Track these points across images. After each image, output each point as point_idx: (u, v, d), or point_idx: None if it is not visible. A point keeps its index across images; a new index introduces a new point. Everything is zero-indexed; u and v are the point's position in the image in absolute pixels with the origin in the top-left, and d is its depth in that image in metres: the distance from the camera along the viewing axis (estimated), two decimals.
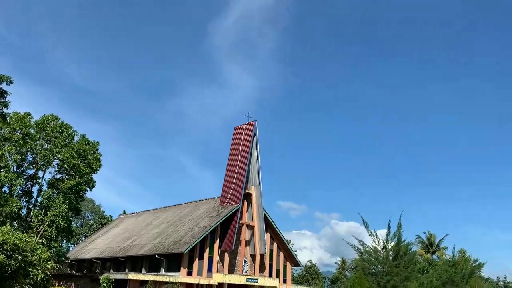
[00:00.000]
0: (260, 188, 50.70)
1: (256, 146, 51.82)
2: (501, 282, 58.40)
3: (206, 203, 55.65)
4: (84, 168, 37.76)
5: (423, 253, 70.58)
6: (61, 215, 36.06)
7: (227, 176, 51.75)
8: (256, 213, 49.99)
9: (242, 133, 52.99)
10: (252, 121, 52.89)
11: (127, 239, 56.66)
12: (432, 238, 73.04)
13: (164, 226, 55.29)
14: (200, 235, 45.05)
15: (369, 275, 34.08)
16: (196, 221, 50.60)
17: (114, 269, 52.87)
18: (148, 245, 50.29)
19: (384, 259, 34.63)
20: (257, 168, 51.35)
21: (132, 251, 50.69)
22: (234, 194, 49.49)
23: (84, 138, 39.31)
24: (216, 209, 50.62)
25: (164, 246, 47.24)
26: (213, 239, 47.18)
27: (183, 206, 60.27)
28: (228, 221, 47.34)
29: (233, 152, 52.90)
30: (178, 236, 48.45)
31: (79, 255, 59.99)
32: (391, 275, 33.09)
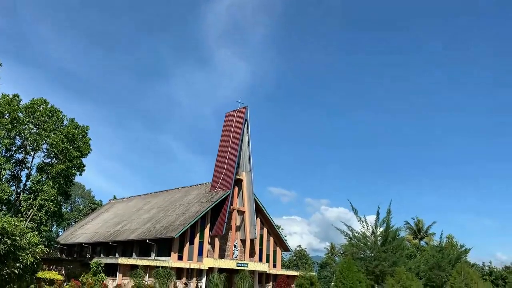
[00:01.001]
0: (251, 174, 50.81)
1: (247, 132, 51.78)
2: (486, 267, 59.41)
3: (197, 188, 55.71)
4: (74, 152, 37.45)
5: (411, 238, 71.60)
6: (51, 200, 35.85)
7: (218, 162, 51.76)
8: (247, 199, 50.18)
9: (233, 119, 52.86)
10: (243, 107, 52.77)
11: (118, 224, 56.67)
12: (420, 224, 74.06)
13: (154, 211, 55.34)
14: (190, 220, 45.19)
15: (357, 260, 34.56)
16: (186, 206, 50.70)
17: (105, 253, 52.96)
18: (139, 230, 50.36)
19: (373, 245, 35.12)
20: (248, 154, 51.39)
21: (123, 236, 50.74)
22: (225, 179, 49.58)
23: (73, 122, 38.88)
24: (207, 195, 50.72)
25: (154, 231, 47.34)
26: (203, 224, 47.38)
27: (174, 191, 60.30)
28: (219, 207, 47.51)
29: (224, 138, 52.84)
30: (168, 221, 48.56)
31: (69, 240, 59.94)
32: (380, 260, 33.59)
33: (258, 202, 51.29)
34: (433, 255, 36.08)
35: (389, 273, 31.55)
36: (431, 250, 38.70)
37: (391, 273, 31.20)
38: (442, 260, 34.48)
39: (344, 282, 30.54)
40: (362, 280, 30.81)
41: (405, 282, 28.27)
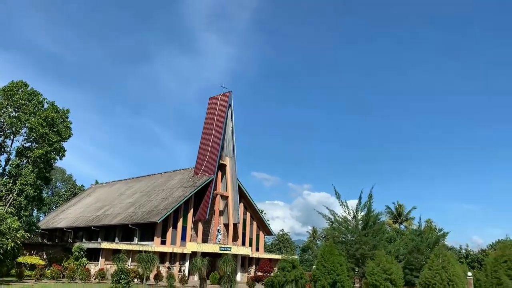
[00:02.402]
0: (234, 159, 50.88)
1: (231, 117, 51.67)
2: (463, 250, 61.08)
3: (180, 173, 55.62)
4: (54, 136, 36.84)
5: (392, 223, 72.92)
6: (30, 184, 35.37)
7: (202, 147, 51.66)
8: (230, 184, 50.34)
9: (217, 104, 52.64)
10: (227, 92, 52.57)
11: (100, 209, 56.34)
12: (400, 209, 75.43)
13: (137, 196, 55.13)
14: (174, 205, 45.20)
15: (339, 243, 35.04)
16: (170, 191, 50.63)
17: (87, 238, 52.72)
18: (121, 214, 50.20)
19: (354, 229, 35.65)
20: (231, 139, 51.37)
21: (105, 221, 50.53)
22: (209, 164, 49.57)
23: (53, 106, 38.13)
24: (190, 180, 50.70)
25: (137, 216, 47.25)
26: (187, 209, 47.46)
27: (157, 176, 60.07)
28: (202, 191, 47.58)
29: (208, 122, 52.65)
30: (151, 205, 48.48)
31: (51, 225, 59.43)
32: (360, 243, 34.15)
33: (241, 187, 51.52)
34: (412, 239, 36.83)
35: (370, 256, 32.12)
36: (411, 234, 39.49)
37: (371, 256, 31.77)
38: (421, 243, 35.23)
39: (325, 265, 31.02)
40: (343, 263, 31.31)
41: (385, 265, 28.86)
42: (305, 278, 34.22)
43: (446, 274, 25.35)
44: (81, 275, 36.30)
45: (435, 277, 25.45)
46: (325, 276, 30.55)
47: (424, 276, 26.22)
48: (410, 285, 29.87)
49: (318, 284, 30.79)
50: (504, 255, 25.12)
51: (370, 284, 28.46)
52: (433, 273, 25.78)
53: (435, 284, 25.17)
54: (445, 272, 25.47)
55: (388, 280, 28.26)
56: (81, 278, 36.10)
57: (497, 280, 24.16)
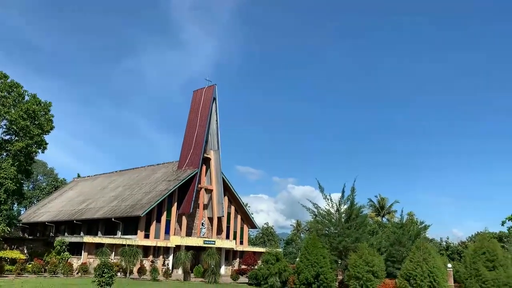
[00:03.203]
0: (219, 152, 50.79)
1: (216, 111, 51.50)
2: (444, 242, 62.21)
3: (164, 167, 55.32)
4: (35, 129, 36.22)
5: (374, 216, 73.81)
6: (10, 178, 34.76)
7: (186, 140, 51.42)
8: (215, 177, 50.27)
9: (202, 97, 52.40)
10: (211, 85, 52.31)
11: (82, 202, 55.76)
12: (383, 202, 76.38)
13: (120, 189, 54.70)
14: (157, 199, 44.98)
15: (322, 236, 35.38)
16: (153, 185, 50.35)
17: (69, 232, 52.17)
18: (104, 208, 49.77)
19: (337, 221, 36.02)
20: (216, 132, 51.23)
21: (88, 214, 50.05)
22: (193, 158, 49.40)
23: (35, 98, 37.45)
24: (174, 173, 50.48)
25: (120, 210, 46.91)
26: (171, 202, 47.28)
27: (140, 169, 59.65)
28: (186, 185, 47.44)
29: (192, 116, 52.39)
30: (135, 199, 48.17)
31: (32, 219, 58.59)
32: (343, 236, 34.54)
33: (226, 181, 51.51)
34: (394, 232, 37.34)
35: (352, 249, 32.53)
36: (393, 227, 40.02)
37: (354, 248, 32.17)
38: (402, 236, 35.76)
39: (309, 258, 31.35)
40: (326, 256, 31.69)
41: (367, 257, 29.30)
42: (289, 270, 34.55)
43: (426, 266, 25.88)
44: (63, 270, 35.95)
45: (416, 269, 25.97)
46: (308, 269, 30.89)
47: (406, 268, 26.72)
48: (391, 277, 30.34)
49: (301, 276, 31.12)
50: (483, 247, 25.73)
51: (353, 276, 28.87)
52: (414, 265, 26.29)
53: (416, 276, 25.67)
54: (425, 264, 25.99)
55: (370, 272, 28.71)
56: (63, 273, 35.75)
57: (476, 271, 24.75)
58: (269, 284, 33.40)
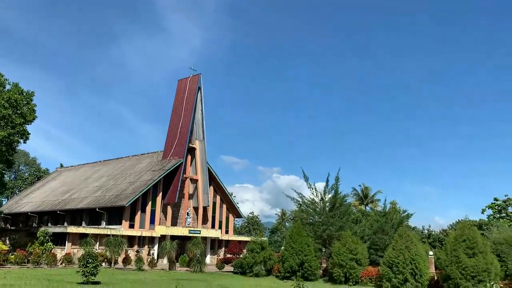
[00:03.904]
0: (204, 142, 50.71)
1: (201, 100, 51.30)
2: (426, 230, 63.40)
3: (148, 157, 55.04)
4: (17, 119, 35.63)
5: (358, 204, 74.78)
6: None
7: (171, 130, 51.18)
8: (200, 167, 50.25)
9: (186, 86, 52.09)
10: (196, 75, 52.06)
11: (66, 193, 55.24)
12: (366, 191, 77.41)
13: (104, 179, 54.31)
14: (142, 189, 44.83)
15: (307, 225, 35.76)
16: (138, 175, 50.11)
17: (52, 222, 51.71)
18: (88, 198, 49.41)
19: (321, 210, 36.43)
20: (201, 122, 51.08)
21: (71, 205, 49.64)
22: (178, 148, 49.24)
23: (17, 87, 36.75)
24: (159, 163, 50.28)
25: (105, 200, 46.63)
26: (155, 192, 47.16)
27: (124, 159, 59.25)
28: (171, 175, 47.34)
29: (177, 105, 52.11)
30: (119, 189, 47.91)
31: (14, 209, 57.85)
32: (327, 225, 34.98)
33: (211, 170, 51.53)
34: (377, 220, 37.87)
35: (336, 237, 32.97)
36: (376, 215, 40.55)
37: (337, 237, 32.61)
38: (385, 224, 36.30)
39: (293, 246, 31.70)
40: (310, 244, 32.08)
41: (351, 245, 29.74)
42: (274, 259, 34.91)
43: (409, 254, 26.39)
44: (46, 260, 35.68)
45: (399, 256, 26.46)
46: (293, 257, 31.26)
47: (388, 256, 27.20)
48: (374, 265, 30.86)
49: (286, 264, 31.49)
50: (463, 235, 26.25)
51: (336, 264, 29.30)
52: (396, 253, 26.78)
53: (398, 263, 26.18)
54: (408, 251, 26.50)
55: (353, 260, 29.19)
56: (47, 263, 35.50)
57: (456, 258, 25.29)
58: (254, 273, 33.71)
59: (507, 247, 30.08)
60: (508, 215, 62.40)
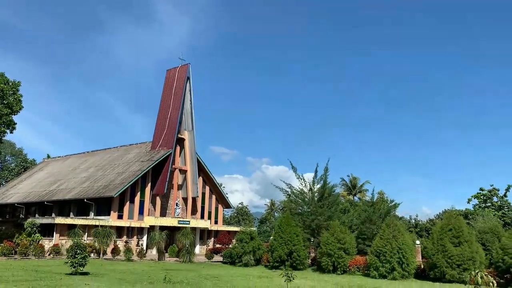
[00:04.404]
0: (193, 133, 50.53)
1: (190, 90, 51.00)
2: (413, 220, 64.16)
3: (137, 147, 54.72)
4: (3, 109, 35.11)
5: (346, 194, 75.39)
6: None
7: (159, 121, 50.87)
8: (189, 158, 50.12)
9: (175, 76, 51.72)
10: (185, 64, 51.65)
11: (53, 183, 54.77)
12: (355, 181, 78.03)
13: (92, 170, 53.92)
14: (131, 179, 44.62)
15: (295, 215, 35.98)
16: (126, 166, 49.84)
17: (40, 213, 51.31)
18: (76, 189, 49.06)
19: (310, 200, 36.66)
20: (190, 112, 50.84)
21: (59, 195, 49.26)
22: (167, 138, 49.01)
23: (3, 77, 36.16)
24: (147, 154, 50.04)
25: (93, 190, 46.35)
26: (144, 183, 46.99)
27: (113, 150, 58.84)
28: (160, 166, 47.15)
29: (166, 96, 51.75)
30: (107, 180, 47.64)
31: (0, 200, 57.26)
32: (316, 215, 35.23)
33: (200, 161, 51.44)
34: (365, 210, 38.25)
35: (324, 227, 33.23)
36: (364, 205, 40.97)
37: (326, 226, 32.86)
38: (373, 214, 36.68)
39: (282, 236, 31.91)
40: (299, 234, 32.31)
41: (339, 235, 30.02)
42: (263, 248, 35.11)
43: (396, 243, 26.75)
44: (34, 251, 35.43)
45: (386, 245, 26.81)
46: (282, 246, 31.47)
47: (376, 245, 27.54)
48: (362, 254, 31.23)
49: (275, 254, 31.70)
50: (449, 224, 26.67)
51: (325, 253, 29.56)
52: (384, 242, 27.13)
53: (385, 252, 26.52)
54: (395, 241, 26.86)
55: (341, 249, 29.47)
56: (34, 254, 35.26)
57: (442, 247, 25.70)
58: (244, 262, 33.90)
59: (492, 236, 30.67)
60: (493, 204, 63.47)
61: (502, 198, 63.67)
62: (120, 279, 20.60)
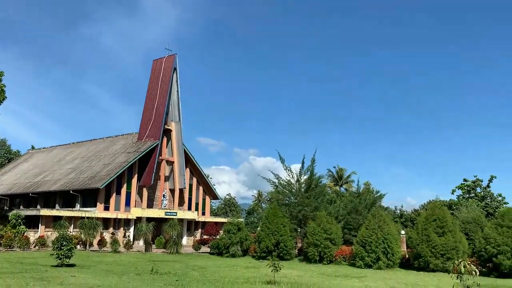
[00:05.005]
0: (180, 124, 50.26)
1: (177, 81, 50.61)
2: (398, 210, 64.98)
3: (123, 138, 54.26)
4: None
5: (332, 185, 75.96)
6: None
7: (146, 111, 50.46)
8: (176, 149, 49.91)
9: (162, 66, 51.25)
10: (172, 55, 51.20)
11: (38, 175, 54.13)
12: (341, 172, 78.64)
13: (78, 161, 53.40)
14: (117, 171, 44.31)
15: (282, 206, 36.18)
16: (112, 157, 49.45)
17: (25, 205, 50.73)
18: (62, 180, 48.57)
19: (297, 191, 36.89)
20: (177, 103, 50.51)
21: (44, 187, 48.73)
22: (153, 130, 48.68)
23: None
24: (134, 145, 49.68)
25: (79, 182, 45.94)
26: (131, 174, 46.71)
27: (99, 141, 58.27)
28: (147, 157, 46.87)
29: (152, 86, 51.29)
30: (93, 171, 47.24)
31: None
32: (303, 205, 35.48)
33: (187, 152, 51.27)
34: (351, 200, 38.63)
35: (311, 217, 33.49)
36: (350, 196, 41.35)
37: (313, 217, 33.12)
38: (359, 204, 37.06)
39: (269, 227, 32.09)
40: (286, 224, 32.53)
41: (325, 225, 30.30)
42: (250, 239, 35.29)
43: (381, 233, 27.09)
44: (19, 243, 35.09)
45: (371, 235, 27.14)
46: (269, 237, 31.67)
47: (361, 235, 27.86)
48: (348, 244, 31.58)
49: (262, 244, 31.88)
50: (434, 214, 27.07)
51: (311, 243, 29.83)
52: (369, 232, 27.45)
53: (371, 242, 26.86)
54: (380, 231, 27.19)
55: (328, 239, 29.77)
56: (19, 246, 34.93)
57: (427, 237, 26.11)
58: (231, 253, 34.03)
59: (475, 226, 31.28)
60: (477, 195, 64.55)
61: (485, 189, 64.80)
62: (106, 271, 20.53)
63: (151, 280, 17.27)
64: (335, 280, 19.36)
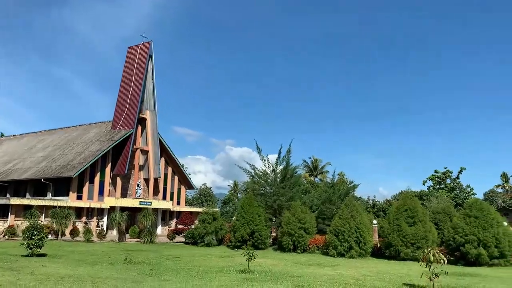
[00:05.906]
0: (155, 113, 49.68)
1: (152, 69, 49.90)
2: (370, 201, 66.29)
3: (96, 126, 53.31)
4: None
5: (308, 176, 76.83)
6: None
7: (120, 100, 49.64)
8: (151, 138, 49.37)
9: (137, 54, 50.41)
10: (147, 42, 50.39)
11: (8, 163, 52.73)
12: (316, 163, 79.58)
13: (50, 149, 52.23)
14: (90, 159, 43.59)
15: (258, 196, 36.41)
16: (85, 145, 48.57)
17: None
18: (33, 169, 47.47)
19: (273, 181, 37.15)
20: (152, 92, 49.85)
21: (14, 175, 47.54)
22: (128, 118, 47.98)
23: None
24: (108, 133, 48.89)
25: (51, 170, 45.00)
26: (104, 163, 46.03)
27: (71, 129, 57.09)
28: (121, 146, 46.23)
29: (127, 74, 50.43)
30: (66, 160, 46.33)
31: None
32: (278, 195, 35.78)
33: (162, 142, 50.80)
34: (326, 191, 39.19)
35: (286, 207, 33.83)
36: (324, 186, 41.97)
37: (287, 207, 33.46)
38: (333, 194, 37.62)
39: (244, 216, 32.25)
40: (261, 214, 32.75)
41: (300, 215, 30.68)
42: (225, 229, 35.40)
43: (354, 222, 27.60)
44: None
45: (344, 225, 27.63)
46: (244, 227, 31.83)
47: (335, 225, 28.32)
48: (322, 233, 32.06)
49: (237, 234, 32.04)
50: (405, 205, 27.74)
51: (286, 233, 30.16)
52: (342, 222, 27.94)
53: (344, 232, 27.34)
54: (353, 220, 27.70)
55: (302, 228, 30.15)
56: None
57: (398, 227, 26.75)
58: (206, 243, 34.08)
59: (444, 216, 32.14)
60: (447, 186, 66.44)
61: (455, 180, 66.74)
62: (79, 260, 20.27)
63: (125, 269, 17.14)
64: (309, 269, 19.65)
